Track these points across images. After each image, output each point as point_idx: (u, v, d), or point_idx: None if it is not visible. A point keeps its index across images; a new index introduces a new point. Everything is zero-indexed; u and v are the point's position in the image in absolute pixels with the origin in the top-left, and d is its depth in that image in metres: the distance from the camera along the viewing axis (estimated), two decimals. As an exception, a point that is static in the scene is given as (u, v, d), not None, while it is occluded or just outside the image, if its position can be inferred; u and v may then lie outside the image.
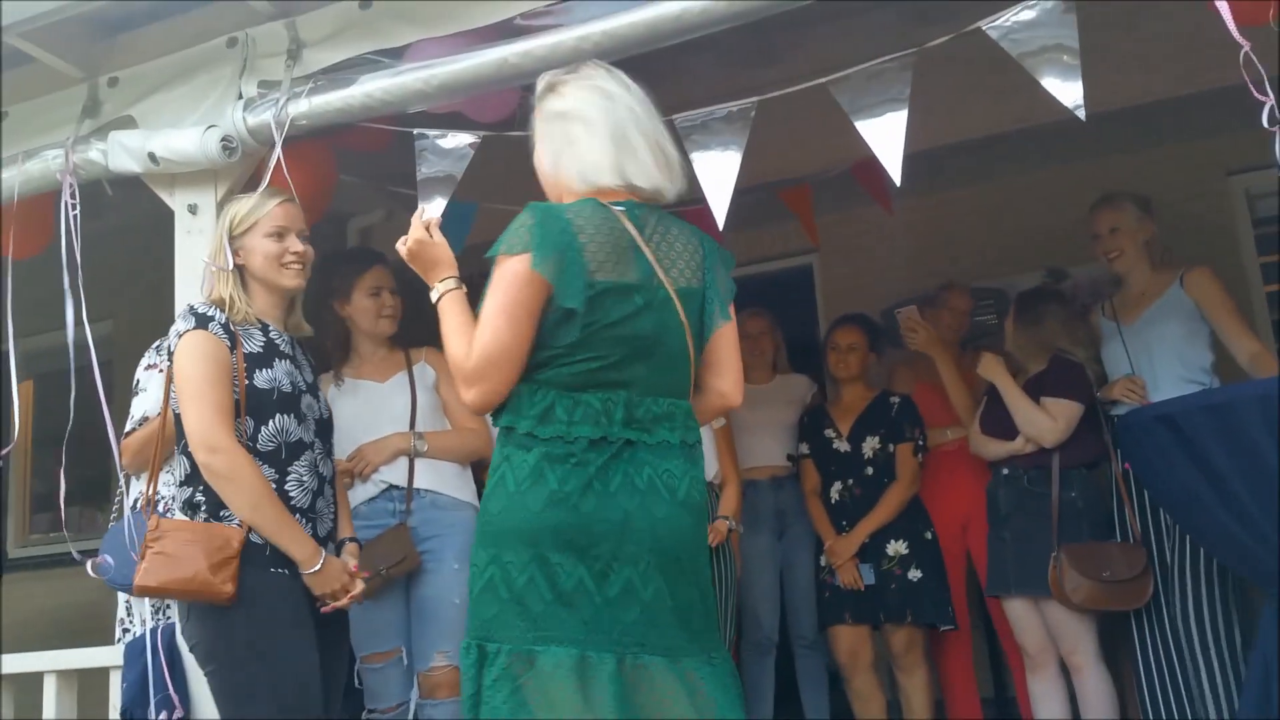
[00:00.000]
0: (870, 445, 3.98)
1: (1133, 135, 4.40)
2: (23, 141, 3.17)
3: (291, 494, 2.43)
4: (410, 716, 3.06)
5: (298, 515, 2.42)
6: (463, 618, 3.00)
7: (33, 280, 3.24)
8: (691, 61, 3.65)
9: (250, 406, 2.40)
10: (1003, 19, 2.36)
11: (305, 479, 2.46)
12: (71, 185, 3.00)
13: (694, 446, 2.08)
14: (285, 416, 2.44)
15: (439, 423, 3.23)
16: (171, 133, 2.90)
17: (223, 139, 2.82)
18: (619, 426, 1.97)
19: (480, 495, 3.26)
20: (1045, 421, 3.51)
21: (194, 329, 2.41)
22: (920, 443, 3.97)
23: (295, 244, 2.56)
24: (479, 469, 3.29)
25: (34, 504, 6.35)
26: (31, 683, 3.10)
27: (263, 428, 2.41)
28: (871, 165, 3.57)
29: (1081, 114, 2.24)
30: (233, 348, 2.41)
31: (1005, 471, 3.63)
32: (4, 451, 2.99)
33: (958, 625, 3.87)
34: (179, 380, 2.41)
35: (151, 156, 2.90)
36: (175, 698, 2.66)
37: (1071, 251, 4.85)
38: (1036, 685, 3.60)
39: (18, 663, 3.18)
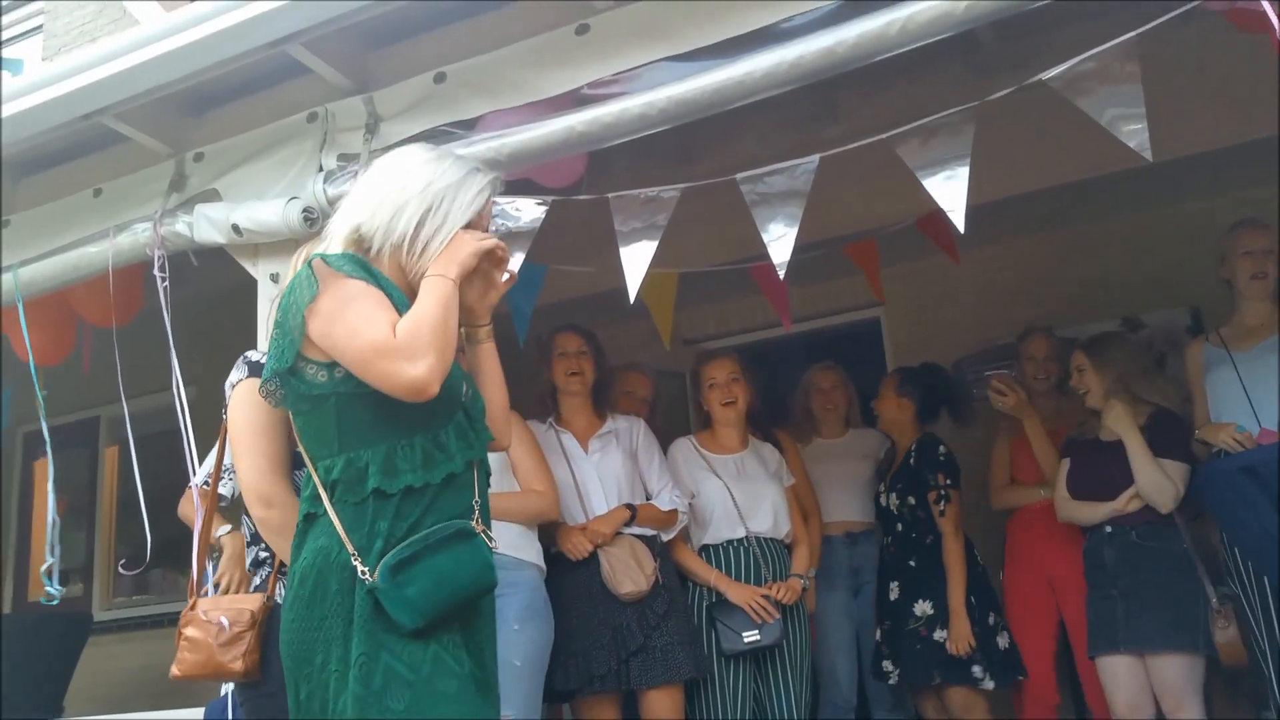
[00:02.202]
0: (892, 501, 3.92)
1: (1205, 181, 4.34)
2: (115, 216, 3.32)
3: None
4: None
5: None
6: (523, 679, 3.02)
7: (120, 349, 3.37)
8: (754, 120, 3.71)
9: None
10: (1065, 69, 2.37)
11: None
12: (162, 258, 3.12)
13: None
14: None
15: (507, 484, 3.25)
16: (255, 205, 3.02)
17: (304, 210, 2.93)
18: None
19: (544, 557, 3.29)
20: (1169, 487, 3.35)
21: (246, 378, 2.26)
22: (942, 491, 3.79)
23: None
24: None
25: (118, 567, 6.50)
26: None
27: None
28: (937, 217, 3.59)
29: (1148, 155, 2.23)
30: None
31: (1109, 530, 3.47)
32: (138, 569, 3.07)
33: (1005, 681, 3.70)
34: (233, 433, 2.25)
35: (235, 228, 3.02)
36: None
37: (1145, 299, 4.79)
38: None
39: (106, 724, 3.26)
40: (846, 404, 4.34)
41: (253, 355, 2.37)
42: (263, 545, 2.32)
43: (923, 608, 3.74)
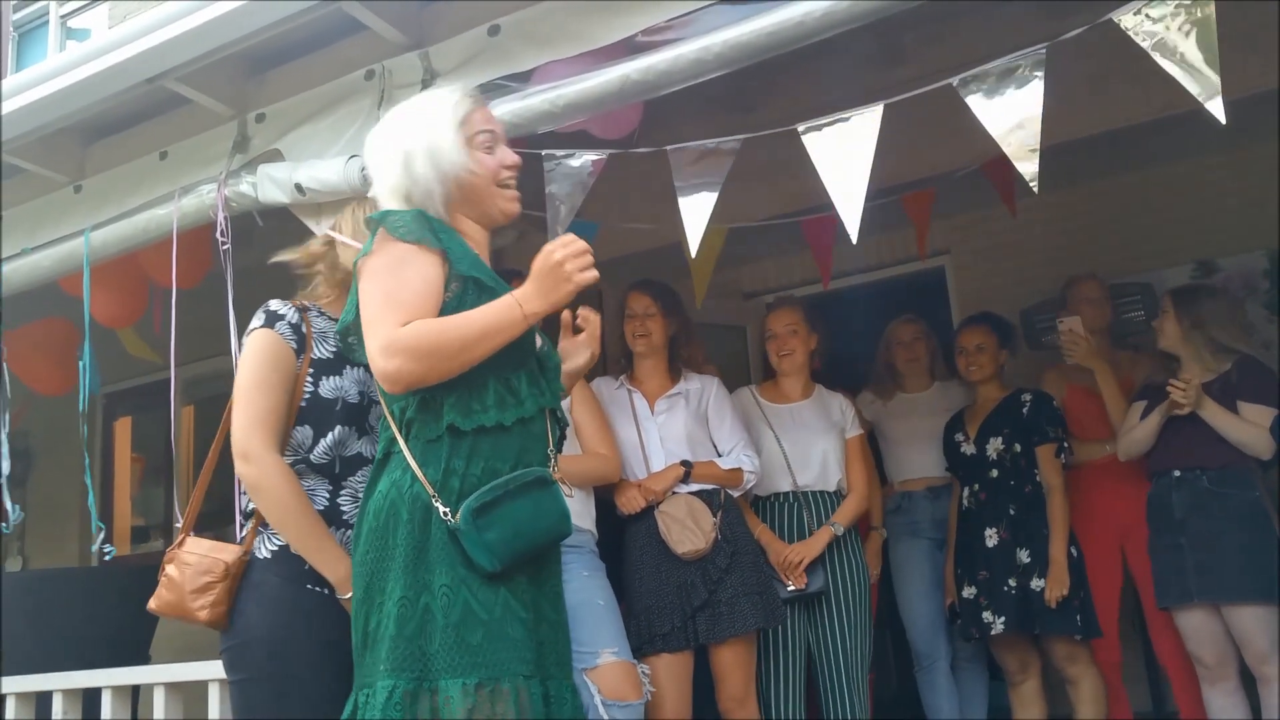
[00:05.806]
0: (994, 446, 3.83)
1: (1283, 119, 4.17)
2: (181, 178, 3.37)
3: (344, 508, 2.26)
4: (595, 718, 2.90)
5: (347, 531, 2.22)
6: (610, 618, 3.03)
7: (190, 310, 3.43)
8: (816, 65, 3.65)
9: (311, 416, 2.23)
10: (1137, 7, 2.28)
11: (360, 494, 2.23)
12: (224, 220, 3.16)
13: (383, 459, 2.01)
14: (346, 429, 2.26)
15: (570, 447, 3.25)
16: (316, 164, 3.04)
17: (364, 168, 2.94)
18: None
19: (597, 521, 3.29)
20: (1262, 435, 3.32)
21: (261, 327, 2.27)
22: (1064, 443, 3.79)
23: None
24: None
25: (195, 524, 6.68)
26: (198, 690, 3.28)
27: (321, 439, 2.24)
28: (1003, 163, 3.50)
29: (1219, 109, 2.13)
30: (300, 351, 2.25)
31: (1177, 474, 3.44)
32: None
33: (1094, 634, 3.67)
34: (236, 381, 2.26)
35: (298, 187, 3.05)
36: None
37: (1220, 242, 4.64)
38: (1217, 699, 3.39)
39: (187, 672, 3.36)
40: (929, 356, 4.24)
41: (273, 304, 2.33)
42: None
43: (1021, 556, 3.70)
